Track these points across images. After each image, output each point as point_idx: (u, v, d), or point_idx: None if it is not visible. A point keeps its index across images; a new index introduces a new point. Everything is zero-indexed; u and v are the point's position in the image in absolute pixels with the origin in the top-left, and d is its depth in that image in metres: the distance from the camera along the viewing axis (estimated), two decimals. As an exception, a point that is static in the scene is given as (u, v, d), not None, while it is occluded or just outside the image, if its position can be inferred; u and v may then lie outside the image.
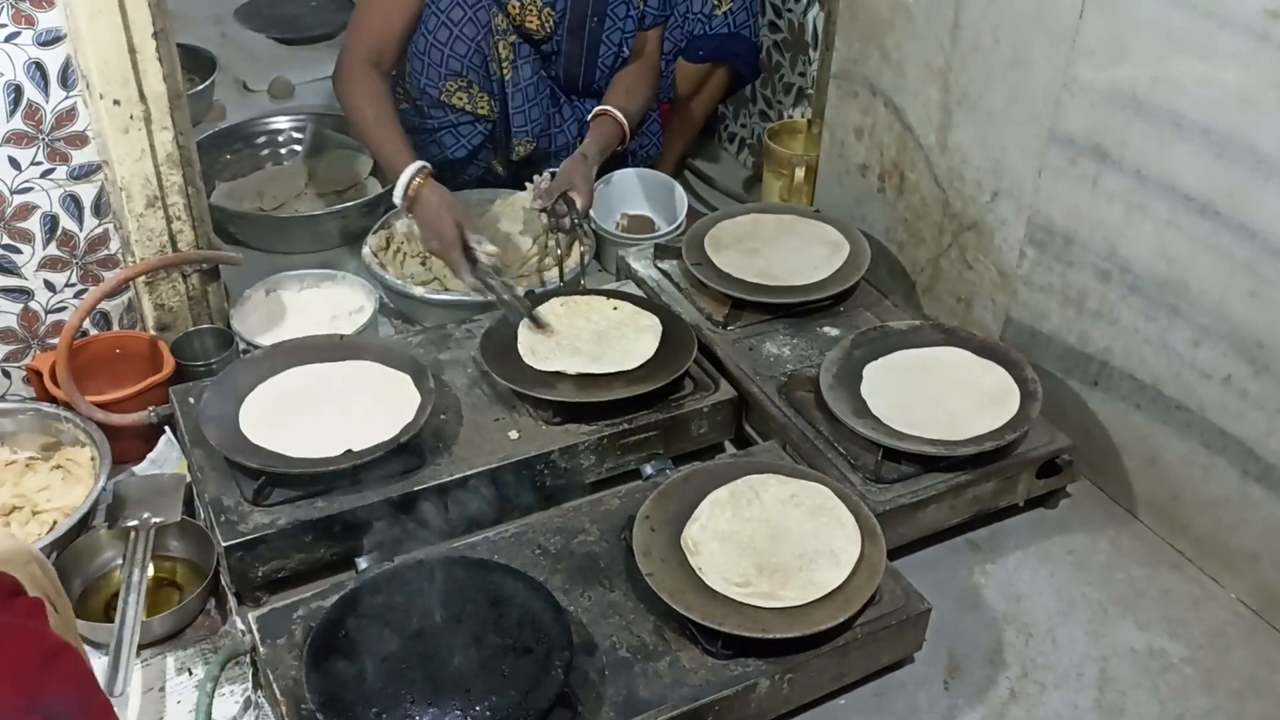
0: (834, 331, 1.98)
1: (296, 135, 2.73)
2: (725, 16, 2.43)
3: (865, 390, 1.79)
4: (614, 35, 2.34)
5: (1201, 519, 1.73)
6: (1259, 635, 1.65)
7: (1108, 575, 1.74)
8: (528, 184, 2.35)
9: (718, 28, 2.44)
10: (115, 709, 1.06)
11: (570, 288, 2.13)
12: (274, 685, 1.37)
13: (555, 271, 2.21)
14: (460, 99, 2.28)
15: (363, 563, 1.53)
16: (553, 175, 2.19)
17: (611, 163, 2.37)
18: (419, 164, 2.04)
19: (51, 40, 1.68)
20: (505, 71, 2.26)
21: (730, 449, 1.92)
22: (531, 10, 2.25)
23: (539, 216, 2.19)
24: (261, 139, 2.71)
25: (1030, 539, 1.79)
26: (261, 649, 1.41)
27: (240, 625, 1.54)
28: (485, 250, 1.97)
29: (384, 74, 2.21)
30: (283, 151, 2.71)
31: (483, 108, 2.30)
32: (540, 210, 2.15)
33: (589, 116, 2.31)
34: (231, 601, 1.59)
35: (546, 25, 2.29)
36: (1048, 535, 1.80)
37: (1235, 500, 1.66)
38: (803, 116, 2.59)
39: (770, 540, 1.53)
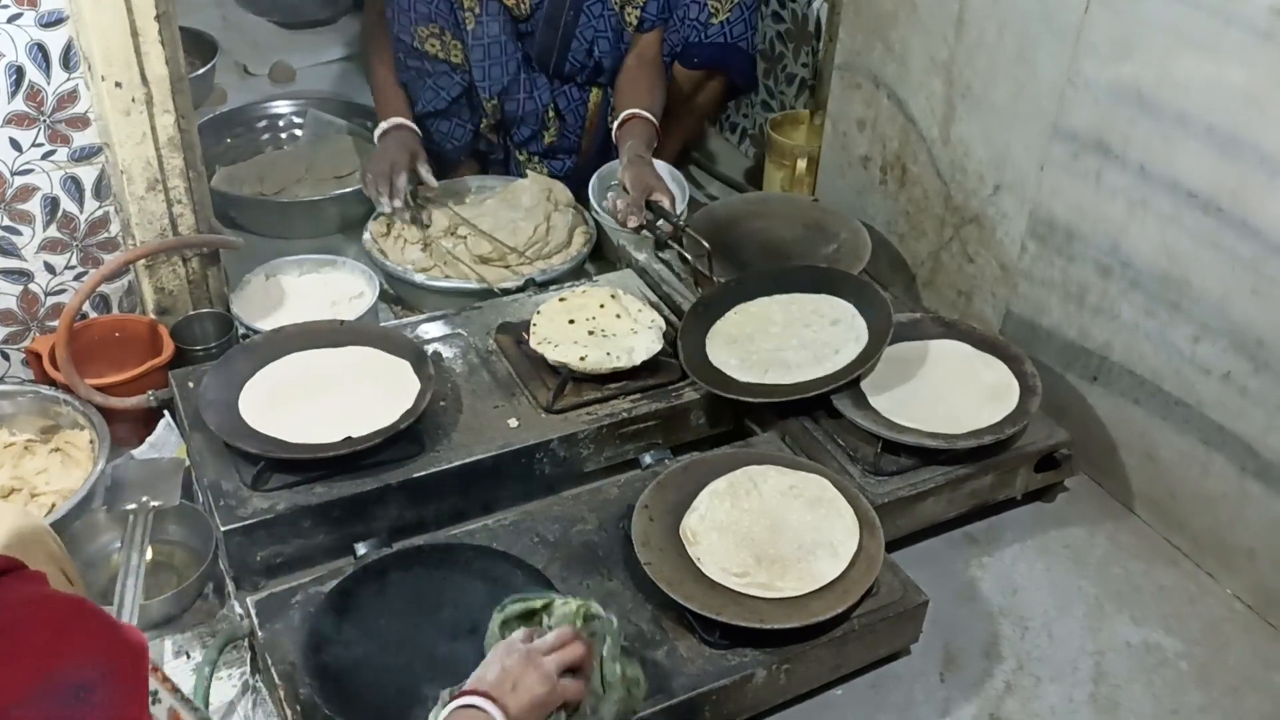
0: (834, 323, 1.97)
1: (297, 120, 2.73)
2: (722, 26, 2.41)
3: (865, 382, 1.79)
4: (587, 32, 2.33)
5: (1199, 515, 1.73)
6: (1255, 631, 1.66)
7: (1104, 570, 1.74)
8: (529, 172, 2.35)
9: (713, 36, 2.42)
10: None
11: (704, 284, 2.01)
12: (272, 670, 1.37)
13: (559, 256, 2.21)
14: (433, 45, 2.28)
15: (361, 548, 1.53)
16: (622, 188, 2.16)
17: (611, 153, 2.36)
18: (398, 120, 2.24)
19: (54, 22, 1.67)
20: (469, 22, 2.27)
21: (730, 440, 1.92)
22: None
23: (545, 200, 2.18)
24: (262, 123, 2.71)
25: (1027, 533, 1.80)
26: (260, 633, 1.41)
27: (238, 609, 1.55)
28: (426, 178, 2.18)
29: None
30: (283, 136, 2.70)
31: (455, 55, 2.31)
32: (639, 229, 2.11)
33: (617, 124, 2.27)
34: (230, 586, 1.59)
35: (523, 6, 2.29)
36: (1045, 529, 1.80)
37: (1233, 497, 1.67)
38: (805, 107, 2.59)
39: (769, 531, 1.53)
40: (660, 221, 2.07)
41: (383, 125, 2.28)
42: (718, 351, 1.85)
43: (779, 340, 1.84)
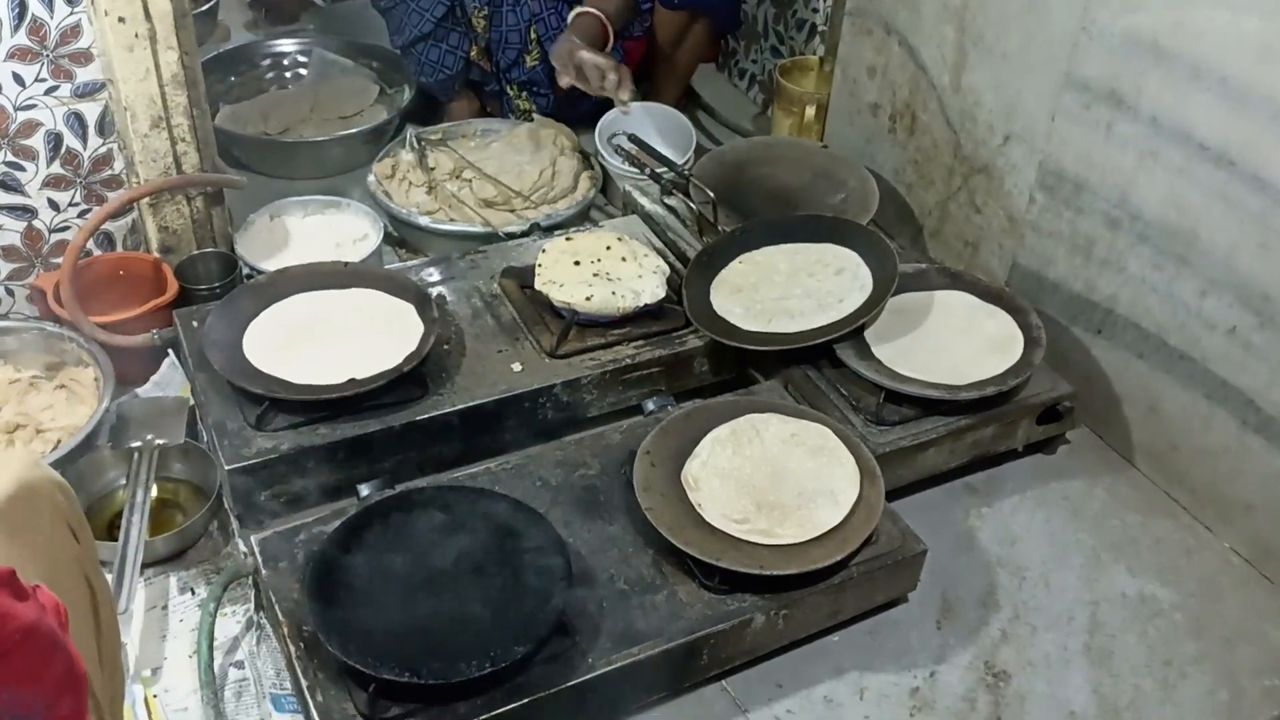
0: (840, 272, 1.97)
1: (302, 59, 2.70)
2: None
3: (868, 331, 1.78)
4: None
5: (1199, 469, 1.74)
6: (1250, 584, 1.67)
7: (1102, 522, 1.75)
8: (534, 116, 2.33)
9: None
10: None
11: (709, 232, 2.01)
12: (276, 607, 1.38)
13: (565, 201, 2.20)
14: None
15: (364, 489, 1.54)
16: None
17: (609, 103, 2.33)
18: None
19: (56, -45, 1.65)
20: None
21: (733, 388, 1.92)
22: None
23: (551, 144, 2.16)
24: (266, 61, 2.69)
25: (1027, 484, 1.80)
26: (264, 571, 1.43)
27: (242, 548, 1.56)
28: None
29: None
30: (288, 75, 2.68)
31: None
32: (571, 84, 2.14)
33: (570, 16, 2.27)
34: (234, 524, 1.61)
35: None
36: (1045, 481, 1.81)
37: (1234, 451, 1.67)
38: (815, 53, 2.56)
39: (770, 478, 1.54)
40: (664, 170, 2.06)
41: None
42: (722, 300, 1.84)
43: (783, 289, 1.84)
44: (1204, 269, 1.64)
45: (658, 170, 2.08)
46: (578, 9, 2.30)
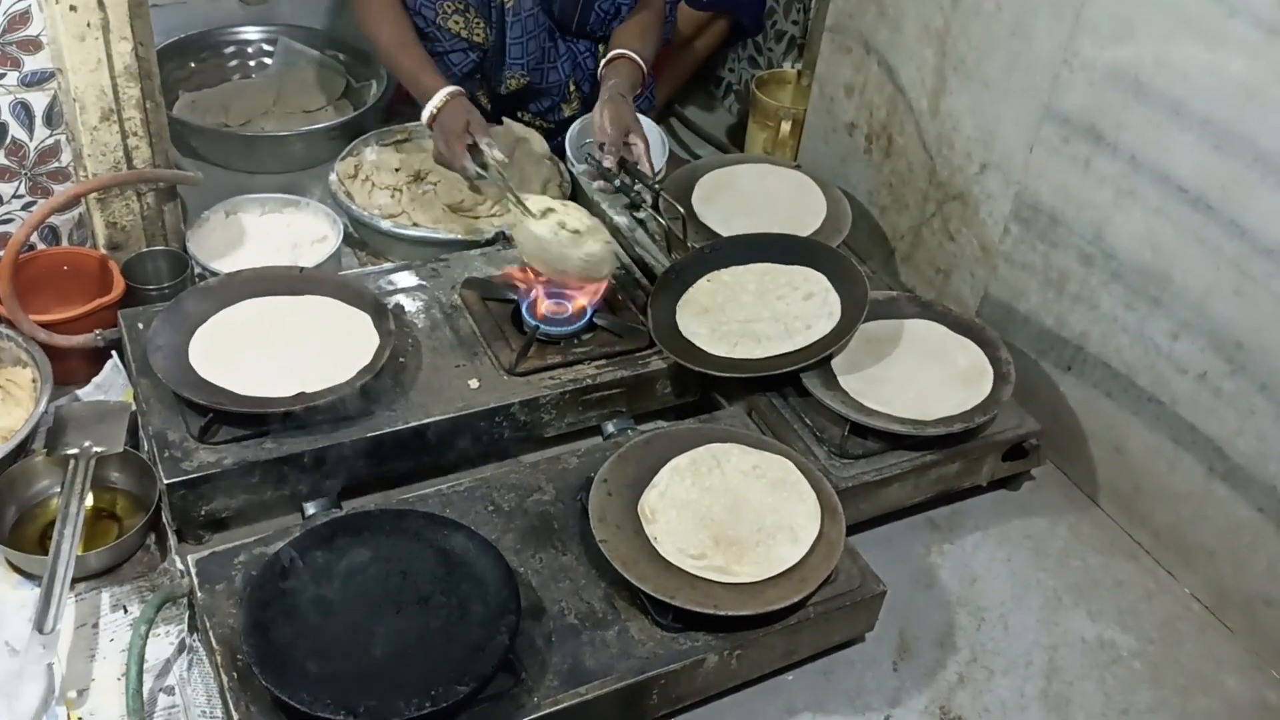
0: (809, 296, 1.93)
1: (267, 48, 2.63)
2: None
3: (835, 360, 1.75)
4: None
5: (1162, 511, 1.72)
6: (1209, 631, 1.65)
7: (1064, 562, 1.73)
8: (504, 119, 2.27)
9: None
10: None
11: (678, 249, 1.96)
12: (210, 632, 1.33)
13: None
14: (456, 23, 2.19)
15: (310, 508, 1.48)
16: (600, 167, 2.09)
17: (592, 102, 2.29)
18: (453, 89, 2.00)
19: (5, -63, 1.58)
20: (507, 0, 2.17)
21: (696, 410, 1.88)
22: None
23: (519, 150, 2.10)
24: (230, 49, 2.61)
25: (990, 520, 1.77)
26: (199, 594, 1.37)
27: (179, 565, 1.50)
28: (494, 155, 1.92)
29: None
30: (251, 64, 2.61)
31: (478, 35, 2.21)
32: (614, 170, 2.03)
33: (603, 62, 2.20)
34: (172, 539, 1.54)
35: None
36: (1008, 518, 1.78)
37: (1198, 496, 1.65)
38: (793, 67, 2.52)
39: (729, 511, 1.50)
40: (637, 184, 2.01)
41: (434, 102, 1.99)
42: (688, 321, 1.80)
43: (751, 311, 1.80)
44: (1177, 311, 1.61)
45: (627, 183, 2.03)
46: (614, 52, 2.19)
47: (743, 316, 1.79)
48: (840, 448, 1.64)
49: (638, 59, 2.19)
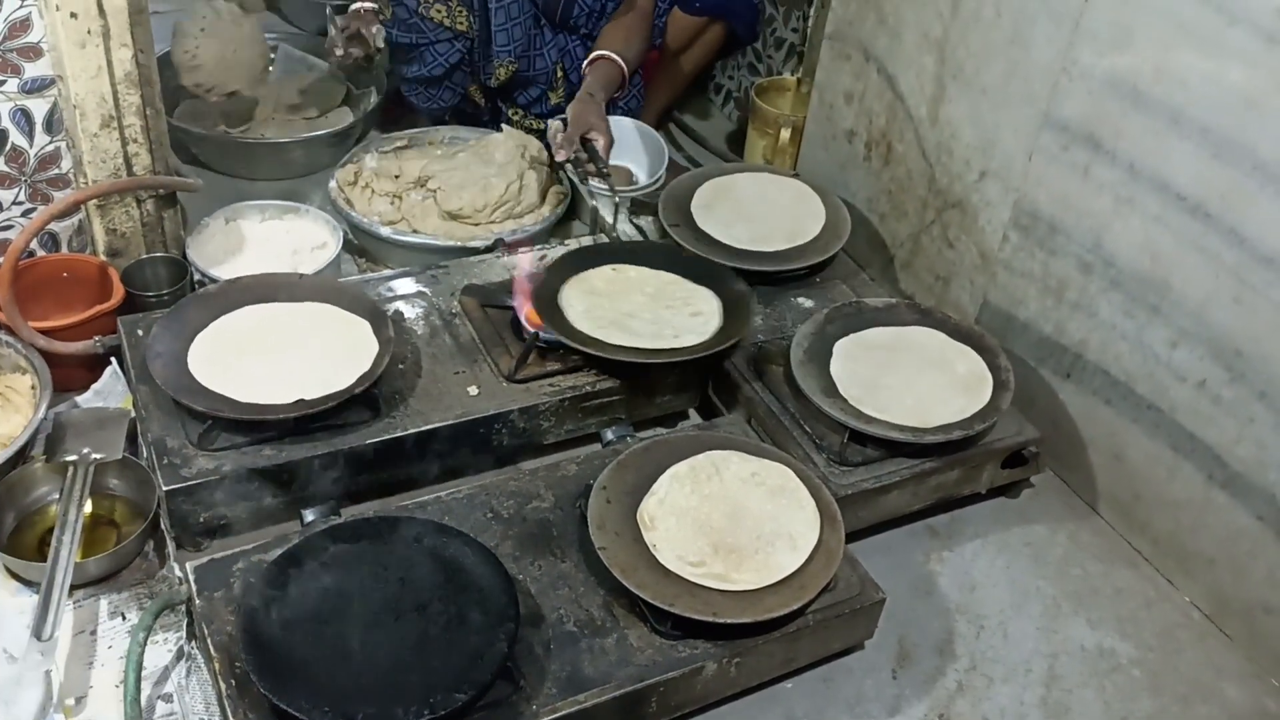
0: (808, 303, 1.93)
1: (269, 55, 2.62)
2: None
3: (835, 367, 1.75)
4: None
5: (1161, 519, 1.72)
6: (1209, 640, 1.65)
7: (1063, 570, 1.72)
8: (504, 126, 2.28)
9: None
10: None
11: (607, 232, 2.05)
12: (208, 640, 1.33)
13: (531, 216, 2.15)
14: (439, 11, 2.19)
15: (309, 515, 1.48)
16: (563, 123, 2.12)
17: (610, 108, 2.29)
18: None
19: (6, -55, 1.58)
20: None
21: (694, 416, 1.88)
22: None
23: (554, 170, 2.11)
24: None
25: (989, 528, 1.77)
26: (198, 601, 1.37)
27: (178, 572, 1.50)
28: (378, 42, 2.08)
29: None
30: (253, 71, 2.60)
31: (461, 23, 2.22)
32: (567, 161, 2.08)
33: (585, 63, 2.23)
34: (170, 546, 1.54)
35: None
36: (1007, 525, 1.78)
37: (1197, 504, 1.65)
38: (793, 74, 2.52)
39: (728, 519, 1.50)
40: (592, 164, 2.06)
41: None
42: (572, 293, 1.81)
43: (635, 308, 1.80)
44: (1176, 319, 1.61)
45: (583, 159, 2.07)
46: (595, 53, 2.24)
47: (625, 309, 1.80)
48: (840, 455, 1.64)
49: (618, 60, 2.21)
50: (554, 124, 2.13)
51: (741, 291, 1.83)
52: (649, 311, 1.79)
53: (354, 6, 2.16)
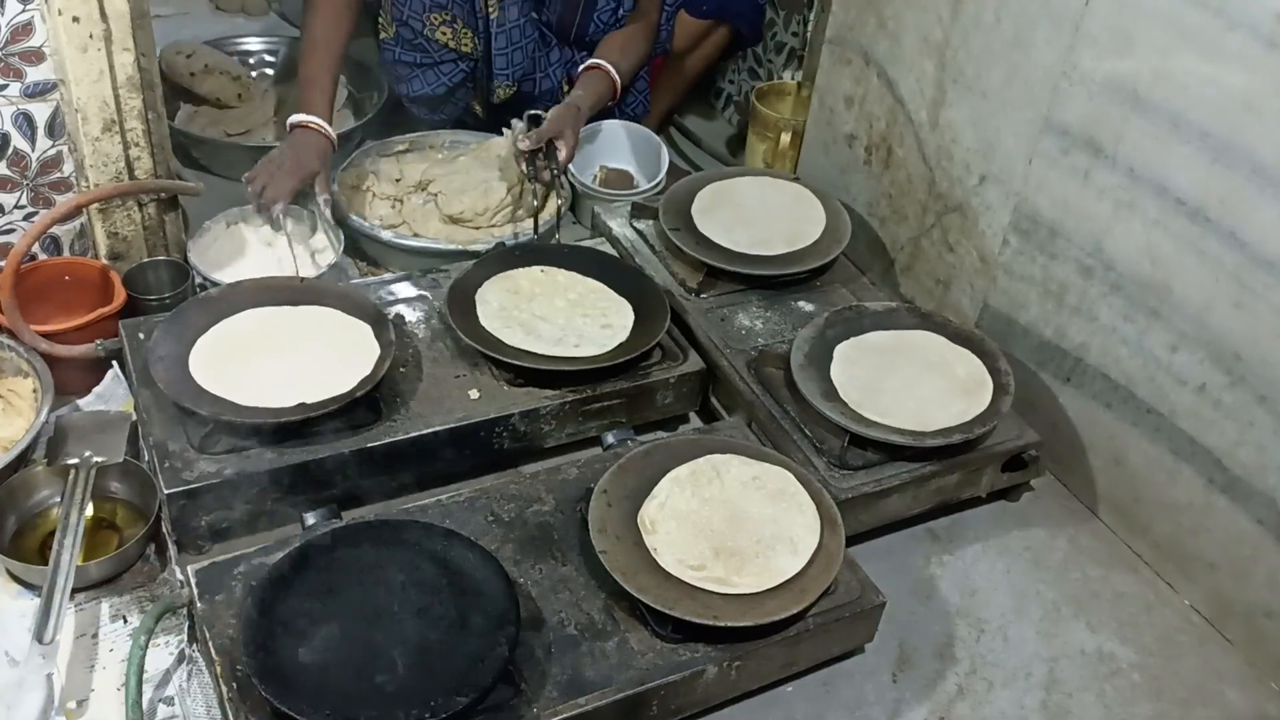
0: (808, 307, 1.94)
1: (269, 58, 2.63)
2: None
3: (835, 371, 1.75)
4: None
5: (1162, 523, 1.72)
6: (1209, 644, 1.65)
7: (1063, 574, 1.73)
8: (505, 130, 2.28)
9: None
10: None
11: (544, 240, 2.07)
12: (210, 643, 1.33)
13: (529, 222, 2.15)
14: (444, 34, 2.19)
15: (310, 518, 1.49)
16: (533, 119, 2.12)
17: (596, 114, 2.30)
18: (330, 132, 2.04)
19: (9, -51, 1.59)
20: (491, 10, 2.18)
21: (695, 420, 1.88)
22: None
23: (517, 163, 2.12)
24: (232, 59, 2.61)
25: (990, 531, 1.77)
26: (199, 604, 1.37)
27: (179, 575, 1.50)
28: (325, 215, 2.00)
29: None
30: (253, 74, 2.61)
31: (465, 45, 2.22)
32: (525, 152, 2.08)
33: (580, 69, 2.23)
34: (172, 549, 1.54)
35: None
36: (1007, 529, 1.78)
37: (1198, 508, 1.65)
38: (793, 78, 2.52)
39: (729, 522, 1.50)
40: (547, 170, 2.08)
41: (297, 118, 2.04)
42: (489, 290, 1.82)
43: (549, 312, 1.81)
44: (1176, 323, 1.62)
45: (540, 163, 2.09)
46: (589, 61, 2.24)
47: (539, 312, 1.80)
48: (840, 459, 1.64)
49: (612, 71, 2.21)
50: (517, 123, 2.13)
51: (654, 311, 1.81)
52: (562, 317, 1.79)
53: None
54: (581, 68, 2.24)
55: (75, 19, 1.60)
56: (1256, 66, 1.43)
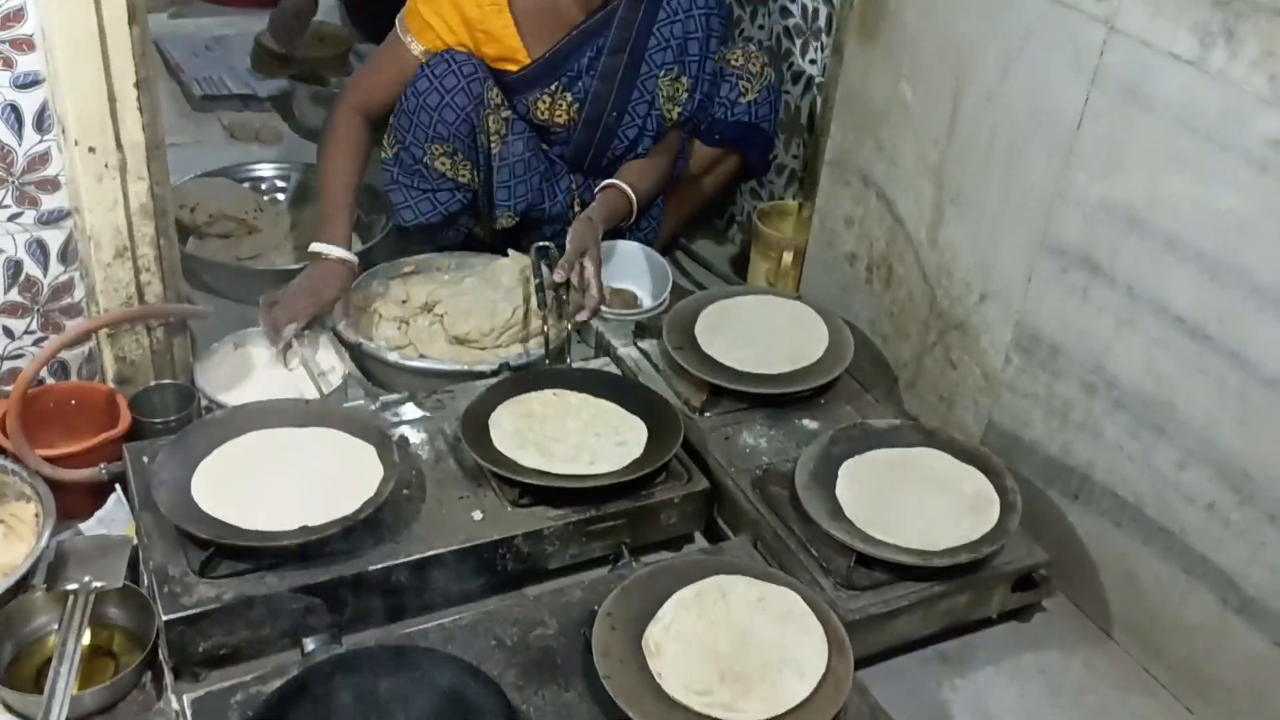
0: (813, 425, 1.93)
1: (280, 184, 2.69)
2: (749, 106, 2.42)
3: (840, 489, 1.74)
4: (630, 130, 2.32)
5: (1177, 644, 1.68)
6: (1231, 770, 1.60)
7: (1079, 698, 1.69)
8: (511, 250, 2.31)
9: (739, 115, 2.43)
10: None
11: (556, 364, 2.07)
12: (204, 777, 1.30)
13: (537, 340, 2.17)
14: (443, 164, 2.24)
15: (310, 644, 1.46)
16: (540, 251, 2.14)
17: (607, 234, 2.33)
18: (353, 259, 2.10)
19: (30, 83, 1.63)
20: (494, 145, 2.23)
21: (700, 540, 1.87)
22: (560, 106, 2.25)
23: (538, 293, 2.13)
24: (245, 184, 2.67)
25: (1002, 653, 1.74)
26: (194, 735, 1.34)
27: (175, 705, 1.47)
28: (342, 331, 2.05)
29: (369, 122, 2.22)
30: (265, 199, 2.66)
31: (464, 176, 2.27)
32: (560, 284, 2.10)
33: (597, 189, 2.28)
34: (168, 677, 1.52)
35: (571, 116, 2.27)
36: (1020, 651, 1.75)
37: (1213, 628, 1.62)
38: (794, 199, 2.57)
39: (735, 645, 1.47)
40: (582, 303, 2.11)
41: (319, 247, 2.10)
42: (503, 415, 1.82)
43: (562, 433, 1.80)
44: (1182, 441, 1.61)
45: (563, 299, 2.12)
46: (606, 182, 2.30)
47: (552, 433, 1.80)
48: (846, 579, 1.62)
49: (628, 191, 2.26)
50: (520, 255, 2.21)
51: (667, 427, 1.82)
52: (576, 437, 1.80)
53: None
54: (599, 187, 2.28)
55: (91, 149, 1.65)
56: (1249, 189, 1.46)
